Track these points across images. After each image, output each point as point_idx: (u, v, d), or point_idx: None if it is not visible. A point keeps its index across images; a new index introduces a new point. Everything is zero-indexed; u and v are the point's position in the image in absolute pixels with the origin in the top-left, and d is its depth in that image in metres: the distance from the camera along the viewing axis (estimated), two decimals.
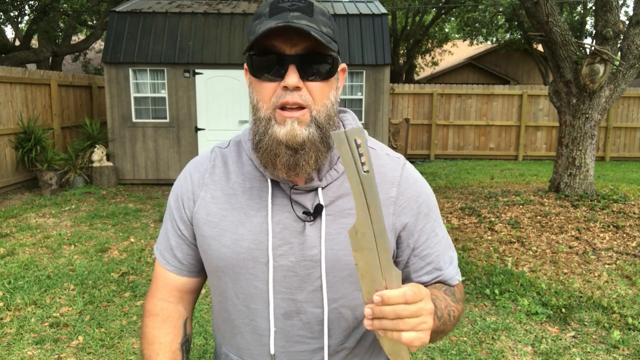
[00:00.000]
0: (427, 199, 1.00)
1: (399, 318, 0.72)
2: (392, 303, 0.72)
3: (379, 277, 0.74)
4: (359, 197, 0.72)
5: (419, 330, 0.73)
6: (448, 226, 5.57)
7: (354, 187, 0.72)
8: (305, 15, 0.86)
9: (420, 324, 0.73)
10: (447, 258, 1.02)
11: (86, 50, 17.29)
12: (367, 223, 0.73)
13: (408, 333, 0.73)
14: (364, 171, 0.71)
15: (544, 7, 5.69)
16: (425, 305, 0.74)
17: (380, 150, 1.02)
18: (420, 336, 0.73)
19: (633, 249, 4.68)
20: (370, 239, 0.74)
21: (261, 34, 0.83)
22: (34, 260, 4.59)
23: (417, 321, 0.73)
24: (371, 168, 0.71)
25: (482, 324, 3.43)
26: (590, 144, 5.96)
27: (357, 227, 0.74)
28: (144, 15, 8.57)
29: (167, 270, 1.06)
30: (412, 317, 0.72)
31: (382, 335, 0.75)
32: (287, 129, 0.86)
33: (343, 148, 0.71)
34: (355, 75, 8.59)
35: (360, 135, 0.70)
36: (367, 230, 0.73)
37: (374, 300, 0.73)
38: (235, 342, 1.01)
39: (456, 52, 24.68)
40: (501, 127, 12.22)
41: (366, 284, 0.75)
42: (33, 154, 7.74)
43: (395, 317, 0.72)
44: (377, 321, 0.74)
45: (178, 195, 1.03)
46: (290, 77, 0.85)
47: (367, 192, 0.72)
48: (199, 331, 3.29)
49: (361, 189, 0.72)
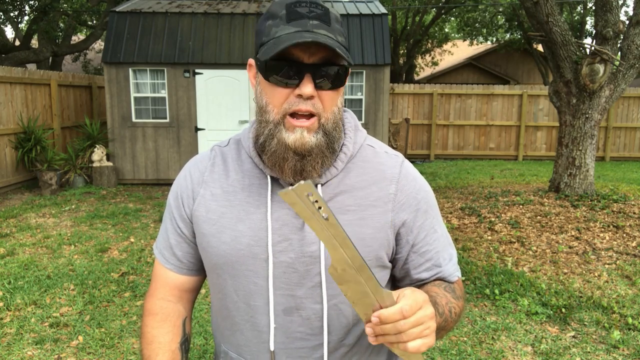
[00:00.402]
0: (425, 195, 1.01)
1: (400, 332, 0.73)
2: (390, 321, 0.73)
3: (372, 299, 0.76)
4: (328, 241, 0.73)
5: (424, 337, 0.75)
6: (448, 226, 5.57)
7: (321, 236, 0.73)
8: (323, 25, 0.86)
9: (423, 330, 0.75)
10: (446, 255, 1.03)
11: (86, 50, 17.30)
12: (343, 261, 0.74)
13: (413, 342, 0.74)
14: (325, 218, 0.72)
15: (544, 7, 5.69)
16: (425, 312, 0.75)
17: (379, 149, 1.02)
18: (426, 341, 0.75)
19: (633, 249, 4.68)
20: (352, 273, 0.75)
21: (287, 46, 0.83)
22: (34, 260, 4.59)
23: (419, 329, 0.74)
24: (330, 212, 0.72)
25: (482, 324, 3.43)
26: (590, 144, 5.96)
27: (335, 265, 0.75)
28: (144, 15, 8.57)
29: (167, 269, 1.06)
30: (414, 327, 0.74)
31: (389, 347, 0.76)
32: (297, 136, 0.87)
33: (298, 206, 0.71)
34: (355, 75, 8.59)
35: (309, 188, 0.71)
36: (346, 267, 0.74)
37: (372, 320, 0.74)
38: (235, 340, 1.01)
39: (456, 52, 24.68)
40: (501, 127, 12.22)
41: (360, 308, 0.77)
42: (33, 154, 7.74)
43: (397, 332, 0.73)
44: (381, 337, 0.75)
45: (178, 193, 1.04)
46: (306, 86, 0.85)
47: (335, 235, 0.73)
48: (199, 331, 3.29)
49: (329, 234, 0.72)
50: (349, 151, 0.97)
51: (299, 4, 0.87)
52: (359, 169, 0.98)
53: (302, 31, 0.84)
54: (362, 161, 0.99)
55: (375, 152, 1.01)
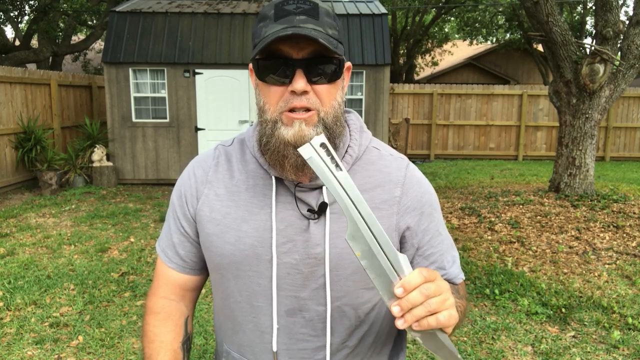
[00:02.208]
0: (430, 198, 1.01)
1: (428, 298, 0.71)
2: (414, 286, 0.70)
3: (390, 270, 0.73)
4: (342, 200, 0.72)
5: (448, 308, 0.73)
6: (448, 226, 5.57)
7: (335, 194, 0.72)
8: (311, 19, 0.86)
9: (445, 301, 0.72)
10: (449, 257, 1.03)
11: (86, 50, 17.29)
12: (359, 222, 0.73)
13: (442, 313, 0.72)
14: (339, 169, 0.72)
15: (544, 7, 5.69)
16: (441, 282, 0.74)
17: (384, 151, 1.02)
18: (452, 312, 0.73)
19: (633, 249, 4.68)
20: (368, 236, 0.73)
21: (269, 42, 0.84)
22: (34, 260, 4.59)
23: (441, 298, 0.72)
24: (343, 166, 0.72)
25: (482, 324, 3.43)
26: (590, 144, 5.96)
27: (351, 230, 0.73)
28: (144, 15, 8.57)
29: (169, 267, 1.06)
30: (437, 294, 0.72)
31: (418, 328, 0.72)
32: (295, 129, 0.87)
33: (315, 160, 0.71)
34: (355, 75, 8.59)
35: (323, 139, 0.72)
36: (362, 227, 0.73)
37: (396, 293, 0.71)
38: (238, 340, 1.01)
39: (456, 52, 24.68)
40: (501, 127, 12.22)
41: (381, 283, 0.74)
42: (33, 154, 7.74)
43: (425, 299, 0.70)
44: (409, 314, 0.71)
45: (181, 192, 1.03)
46: (298, 82, 0.85)
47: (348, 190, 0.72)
48: (199, 331, 3.29)
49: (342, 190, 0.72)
50: (354, 153, 0.97)
51: (286, 2, 0.88)
52: (364, 171, 0.97)
53: (287, 27, 0.84)
54: (367, 163, 0.99)
55: (380, 154, 1.01)
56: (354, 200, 0.72)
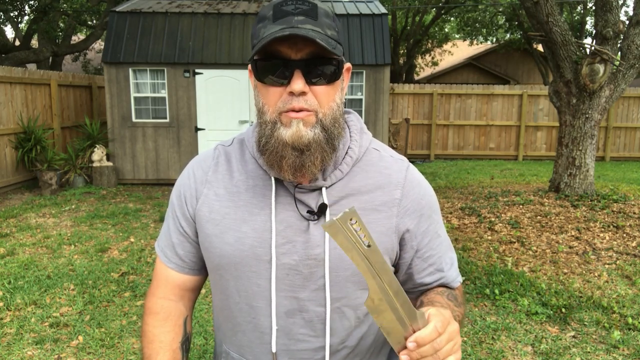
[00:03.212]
0: (430, 200, 1.01)
1: (438, 351, 0.74)
2: (427, 342, 0.74)
3: (405, 326, 0.76)
4: (367, 272, 0.72)
5: (455, 352, 0.76)
6: (448, 226, 5.57)
7: (360, 266, 0.71)
8: (309, 19, 0.86)
9: (454, 346, 0.76)
10: (447, 259, 1.03)
11: (86, 50, 17.29)
12: (382, 289, 0.74)
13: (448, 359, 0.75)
14: (367, 246, 0.70)
15: (544, 7, 5.69)
16: (453, 327, 0.77)
17: (384, 152, 1.02)
18: (457, 357, 0.76)
19: (633, 249, 4.68)
20: (389, 300, 0.75)
21: (267, 42, 0.83)
22: (34, 260, 4.59)
23: (451, 345, 0.76)
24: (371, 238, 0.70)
25: (482, 324, 3.43)
26: (590, 144, 5.96)
27: (373, 296, 0.74)
28: (144, 15, 8.57)
29: (169, 267, 1.06)
30: (447, 343, 0.75)
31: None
32: (293, 130, 0.86)
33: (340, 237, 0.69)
34: (355, 75, 8.59)
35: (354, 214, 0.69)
36: (383, 295, 0.74)
37: (409, 347, 0.75)
38: (237, 340, 1.01)
39: (456, 52, 24.68)
40: (501, 127, 12.22)
41: (394, 338, 0.77)
42: (33, 154, 7.74)
43: (434, 352, 0.74)
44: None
45: (181, 192, 1.03)
46: (296, 83, 0.85)
47: (374, 264, 0.72)
48: (199, 331, 3.29)
49: (368, 264, 0.71)
50: (354, 154, 0.97)
51: (285, 3, 0.87)
52: (364, 173, 0.97)
53: (285, 27, 0.84)
54: (367, 165, 0.98)
55: (380, 155, 1.01)
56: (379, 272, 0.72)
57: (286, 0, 0.88)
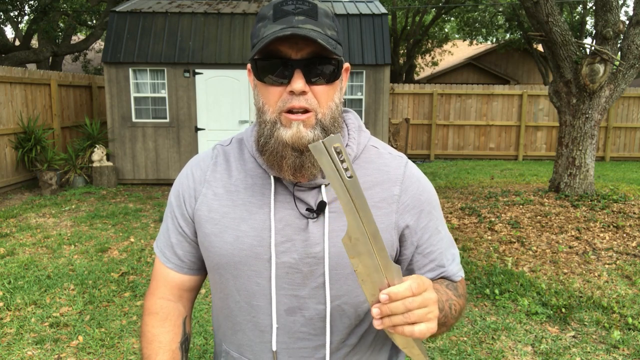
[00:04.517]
0: (429, 196, 1.01)
1: (409, 310, 0.72)
2: (399, 298, 0.72)
3: (380, 277, 0.74)
4: (347, 204, 0.71)
5: (428, 320, 0.74)
6: (448, 226, 5.57)
7: (340, 195, 0.71)
8: (310, 19, 0.86)
9: (427, 313, 0.74)
10: (449, 255, 1.03)
11: (86, 50, 17.29)
12: (359, 227, 0.73)
13: (419, 325, 0.73)
14: (348, 177, 0.70)
15: (544, 7, 5.69)
16: (430, 294, 0.75)
17: (382, 149, 1.02)
18: (430, 326, 0.74)
19: (633, 249, 4.68)
20: (366, 242, 0.73)
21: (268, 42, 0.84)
22: (34, 260, 4.59)
23: (425, 311, 0.73)
24: (354, 172, 0.71)
25: (482, 324, 3.43)
26: (590, 144, 5.96)
27: (350, 233, 0.73)
28: (144, 15, 8.57)
29: (168, 268, 1.06)
30: (420, 307, 0.73)
31: (393, 331, 0.75)
32: (293, 131, 0.87)
33: (323, 159, 0.70)
34: (355, 75, 8.59)
35: (339, 142, 0.70)
36: (361, 235, 0.73)
37: (380, 299, 0.73)
38: (237, 339, 1.01)
39: (456, 52, 24.68)
40: (501, 127, 12.22)
41: (368, 287, 0.75)
42: (33, 154, 7.74)
43: (405, 311, 0.72)
44: (387, 319, 0.74)
45: (179, 192, 1.03)
46: (297, 82, 0.85)
47: (354, 197, 0.71)
48: (199, 331, 3.29)
49: (348, 195, 0.71)
50: (352, 152, 0.97)
51: (285, 3, 0.88)
52: (362, 170, 0.97)
53: (285, 27, 0.85)
54: (366, 162, 0.99)
55: (378, 152, 1.01)
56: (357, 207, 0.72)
57: (286, 0, 0.88)
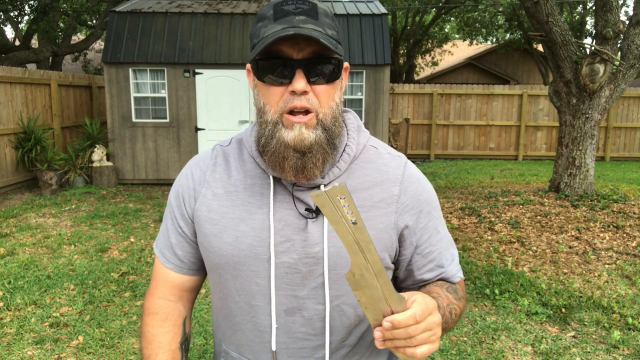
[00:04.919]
0: (428, 197, 1.01)
1: (412, 337, 0.73)
2: (402, 326, 0.73)
3: (384, 305, 0.75)
4: (351, 246, 0.72)
5: (430, 342, 0.75)
6: (448, 226, 5.57)
7: (344, 240, 0.71)
8: (310, 19, 0.86)
9: (430, 336, 0.75)
10: (448, 255, 1.03)
11: (86, 50, 17.29)
12: (363, 266, 0.73)
13: (421, 347, 0.74)
14: (353, 223, 0.70)
15: (544, 7, 5.69)
16: (434, 318, 0.76)
17: (382, 149, 1.02)
18: (432, 347, 0.76)
19: (633, 249, 4.68)
20: (369, 278, 0.74)
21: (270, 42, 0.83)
22: (34, 260, 4.59)
23: (428, 334, 0.75)
24: (358, 216, 0.70)
25: (482, 324, 3.43)
26: (590, 144, 5.96)
27: (354, 270, 0.74)
28: (144, 15, 8.57)
29: (167, 268, 1.06)
30: (424, 332, 0.74)
31: (394, 351, 0.76)
32: (295, 133, 0.87)
33: (327, 208, 0.69)
34: (355, 75, 8.59)
35: (343, 190, 0.69)
36: (365, 272, 0.74)
37: (383, 325, 0.74)
38: (236, 339, 1.01)
39: (456, 52, 24.68)
40: (501, 127, 12.22)
41: (371, 314, 0.76)
42: (33, 154, 7.74)
43: (408, 337, 0.73)
44: (389, 342, 0.75)
45: (179, 192, 1.03)
46: (298, 82, 0.85)
47: (359, 240, 0.71)
48: (199, 331, 3.29)
49: (353, 239, 0.71)
50: (352, 152, 0.97)
51: (285, 3, 0.87)
52: (362, 170, 0.97)
53: (287, 27, 0.84)
54: (365, 162, 0.99)
55: (378, 153, 1.01)
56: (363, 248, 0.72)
57: (286, 0, 0.88)
